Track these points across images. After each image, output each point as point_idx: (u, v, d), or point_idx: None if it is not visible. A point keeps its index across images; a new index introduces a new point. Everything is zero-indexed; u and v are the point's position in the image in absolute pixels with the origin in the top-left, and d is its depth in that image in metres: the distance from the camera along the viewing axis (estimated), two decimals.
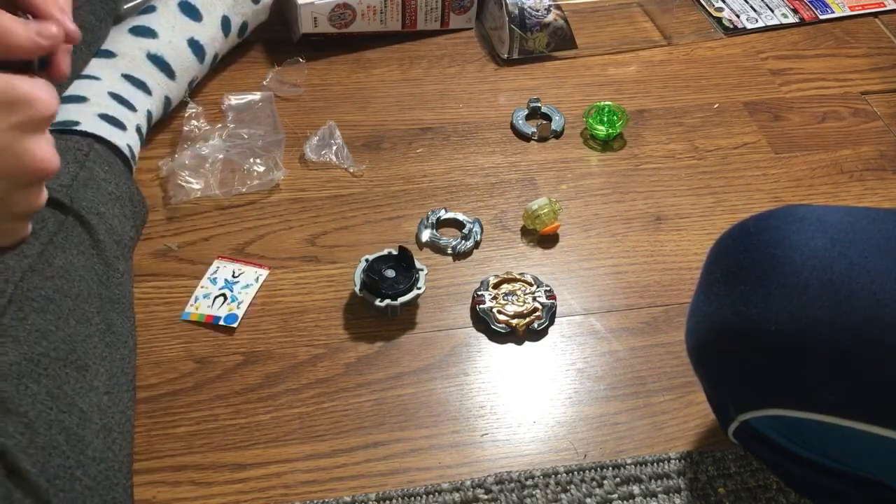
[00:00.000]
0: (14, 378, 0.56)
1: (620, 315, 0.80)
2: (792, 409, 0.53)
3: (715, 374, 0.58)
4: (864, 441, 0.51)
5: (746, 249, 0.54)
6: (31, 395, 0.56)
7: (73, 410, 0.58)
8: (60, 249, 0.65)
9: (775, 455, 0.59)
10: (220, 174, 0.87)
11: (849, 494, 0.58)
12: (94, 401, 0.60)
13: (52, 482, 0.54)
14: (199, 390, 0.72)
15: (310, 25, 1.01)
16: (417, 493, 0.66)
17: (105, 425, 0.60)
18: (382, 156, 0.93)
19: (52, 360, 0.58)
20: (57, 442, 0.56)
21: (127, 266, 0.73)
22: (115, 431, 0.61)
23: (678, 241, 0.86)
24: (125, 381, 0.65)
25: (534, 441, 0.71)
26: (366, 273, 0.77)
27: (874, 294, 0.49)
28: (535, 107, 0.98)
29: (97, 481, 0.57)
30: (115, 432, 0.61)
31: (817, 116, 1.00)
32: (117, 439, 0.61)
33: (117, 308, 0.68)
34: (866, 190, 0.92)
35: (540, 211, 0.84)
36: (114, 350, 0.65)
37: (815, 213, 0.54)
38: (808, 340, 0.50)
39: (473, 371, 0.75)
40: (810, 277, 0.50)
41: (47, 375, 0.58)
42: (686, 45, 1.09)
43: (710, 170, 0.93)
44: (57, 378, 0.58)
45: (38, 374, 0.57)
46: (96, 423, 0.59)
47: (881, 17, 1.15)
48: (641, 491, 0.67)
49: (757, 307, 0.51)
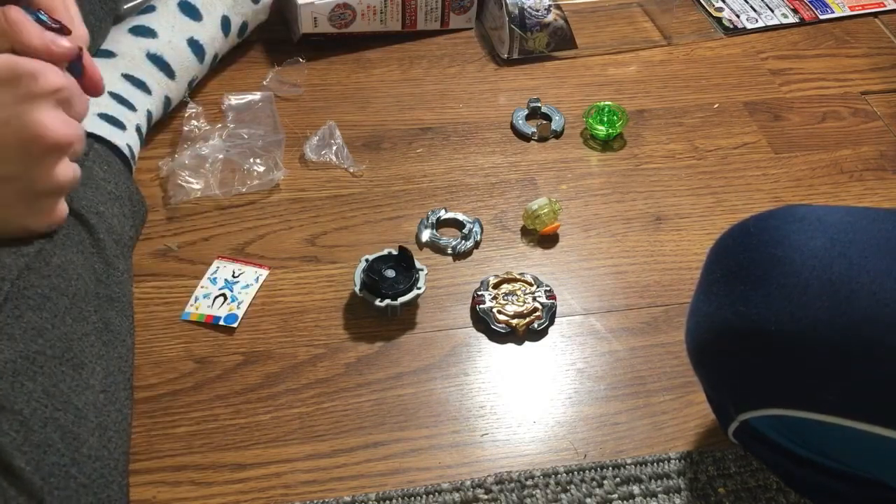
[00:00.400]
0: (9, 376, 0.56)
1: (620, 315, 0.80)
2: (792, 408, 0.53)
3: (715, 374, 0.58)
4: (865, 441, 0.51)
5: (746, 249, 0.54)
6: (26, 392, 0.56)
7: (68, 408, 0.58)
8: (58, 248, 0.65)
9: (775, 455, 0.59)
10: (220, 174, 0.87)
11: (849, 494, 0.58)
12: (89, 399, 0.60)
13: (46, 480, 0.54)
14: (199, 390, 0.72)
15: (310, 25, 1.01)
16: (417, 493, 0.66)
17: (101, 423, 0.60)
18: (382, 156, 0.93)
19: (47, 358, 0.59)
20: (52, 440, 0.56)
21: (126, 265, 0.73)
22: (111, 430, 0.61)
23: (678, 241, 0.86)
24: (122, 380, 0.65)
25: (534, 441, 0.71)
26: (366, 273, 0.77)
27: (874, 294, 0.49)
28: (535, 107, 0.98)
29: (92, 479, 0.57)
30: (111, 430, 0.61)
31: (817, 116, 1.00)
32: (113, 437, 0.61)
33: (116, 307, 0.68)
34: (866, 190, 0.92)
35: (540, 211, 0.84)
36: (111, 348, 0.65)
37: (815, 213, 0.54)
38: (807, 340, 0.50)
39: (473, 371, 0.75)
40: (810, 277, 0.50)
41: (43, 373, 0.58)
42: (686, 45, 1.09)
43: (710, 170, 0.93)
44: (52, 376, 0.58)
45: (33, 371, 0.57)
46: (92, 422, 0.59)
47: (881, 17, 1.15)
48: (641, 491, 0.67)
49: (757, 307, 0.52)
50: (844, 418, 0.51)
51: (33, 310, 0.60)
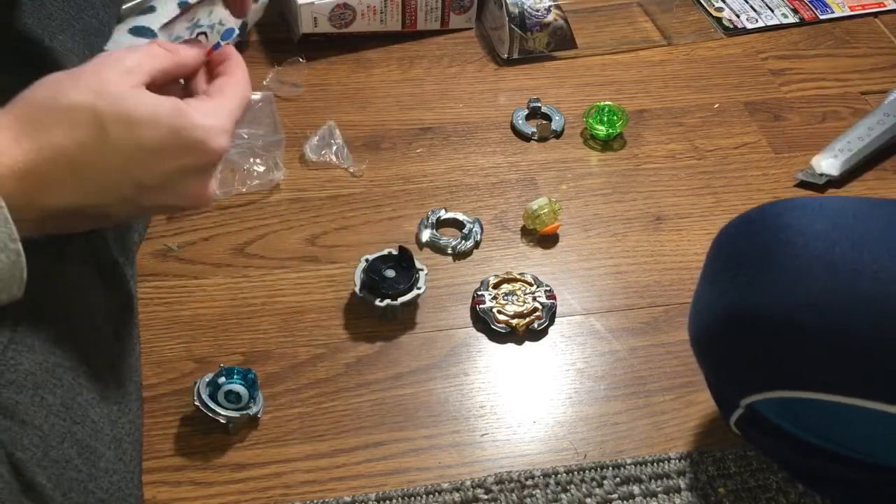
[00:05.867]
0: (31, 388, 0.54)
1: (620, 315, 0.80)
2: (797, 390, 0.54)
3: (719, 359, 0.58)
4: (871, 420, 0.52)
5: (748, 235, 0.55)
6: (46, 406, 0.54)
7: (85, 422, 0.57)
8: (69, 258, 0.64)
9: (779, 443, 0.59)
10: (220, 174, 0.87)
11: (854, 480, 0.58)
12: (104, 411, 0.59)
13: (66, 496, 0.53)
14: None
15: (310, 25, 1.01)
16: (417, 493, 0.66)
17: (116, 436, 0.59)
18: (382, 156, 0.93)
19: (66, 370, 0.57)
20: (70, 455, 0.54)
21: (132, 272, 0.73)
22: (126, 442, 0.60)
23: (678, 241, 0.86)
24: (133, 391, 0.65)
25: (534, 441, 0.71)
26: (366, 273, 0.77)
27: (876, 273, 0.49)
28: (535, 107, 0.98)
29: (109, 493, 0.56)
30: (126, 443, 0.60)
31: (817, 116, 1.00)
32: (128, 450, 0.60)
33: (124, 315, 0.68)
34: (866, 190, 0.92)
35: (540, 211, 0.84)
36: (122, 359, 0.65)
37: (816, 201, 0.55)
38: (811, 320, 0.50)
39: (473, 371, 0.75)
40: (813, 259, 0.51)
41: (62, 386, 0.56)
42: (686, 45, 1.09)
43: (710, 170, 0.93)
44: (71, 388, 0.57)
45: (53, 384, 0.56)
46: (107, 435, 0.58)
47: (881, 17, 1.15)
48: (641, 491, 0.67)
49: (760, 290, 0.52)
50: (850, 397, 0.52)
51: (51, 320, 0.59)
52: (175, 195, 0.55)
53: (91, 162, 0.50)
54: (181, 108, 0.52)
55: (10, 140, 0.49)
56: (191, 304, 0.78)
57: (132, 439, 0.62)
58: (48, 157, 0.49)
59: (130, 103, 0.51)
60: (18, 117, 0.50)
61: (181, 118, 0.52)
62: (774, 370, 0.54)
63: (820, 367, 0.52)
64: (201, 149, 0.53)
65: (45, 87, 0.51)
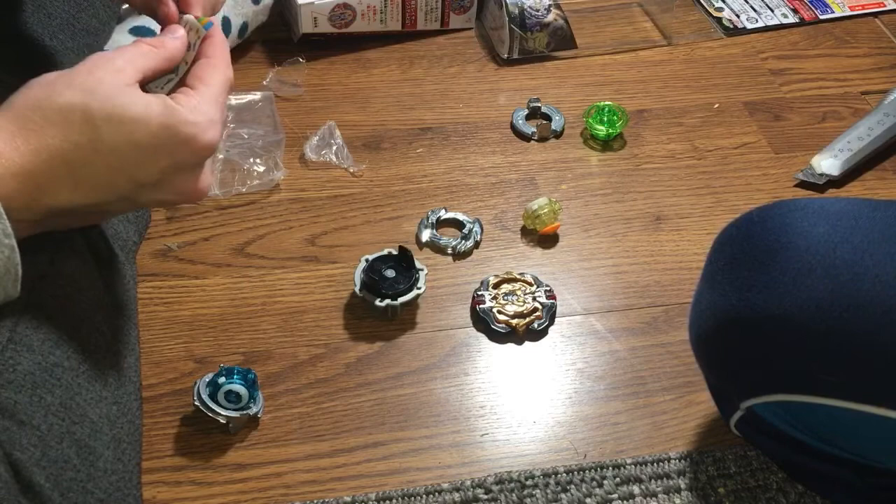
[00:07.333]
0: (29, 388, 0.54)
1: (620, 315, 0.80)
2: (797, 393, 0.54)
3: (719, 361, 0.58)
4: (870, 425, 0.52)
5: (750, 237, 0.54)
6: (44, 406, 0.54)
7: (84, 422, 0.57)
8: (68, 257, 0.64)
9: (779, 445, 0.59)
10: (220, 174, 0.87)
11: (854, 483, 0.58)
12: (103, 411, 0.59)
13: (65, 496, 0.53)
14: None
15: (310, 25, 1.01)
16: (417, 493, 0.66)
17: (115, 436, 0.59)
18: (382, 156, 0.93)
19: (64, 370, 0.57)
20: (68, 455, 0.54)
21: (132, 272, 0.73)
22: (125, 442, 0.60)
23: (678, 241, 0.86)
24: (132, 390, 0.65)
25: (534, 441, 0.71)
26: (366, 273, 0.77)
27: (878, 277, 0.49)
28: (535, 107, 0.98)
29: (108, 493, 0.56)
30: (125, 443, 0.60)
31: (817, 116, 1.00)
32: (127, 450, 0.60)
33: (123, 315, 0.68)
34: (866, 190, 0.92)
35: (540, 211, 0.84)
36: (121, 358, 0.64)
37: (817, 203, 0.55)
38: (812, 324, 0.50)
39: (473, 371, 0.75)
40: (814, 262, 0.51)
41: (61, 385, 0.56)
42: (686, 45, 1.09)
43: (710, 170, 0.93)
44: (70, 388, 0.57)
45: (51, 384, 0.56)
46: (106, 435, 0.58)
47: (881, 17, 1.15)
48: (641, 491, 0.67)
49: (761, 292, 0.52)
50: (850, 401, 0.52)
51: (49, 320, 0.59)
52: (170, 190, 0.55)
53: (86, 162, 0.51)
54: (170, 106, 0.53)
55: (6, 141, 0.49)
56: (191, 304, 0.78)
57: (131, 439, 0.62)
58: (45, 157, 0.50)
59: (121, 103, 0.51)
60: (14, 118, 0.50)
61: (171, 116, 0.53)
62: (775, 373, 0.54)
63: (821, 370, 0.52)
64: (193, 144, 0.54)
65: (40, 87, 0.52)
